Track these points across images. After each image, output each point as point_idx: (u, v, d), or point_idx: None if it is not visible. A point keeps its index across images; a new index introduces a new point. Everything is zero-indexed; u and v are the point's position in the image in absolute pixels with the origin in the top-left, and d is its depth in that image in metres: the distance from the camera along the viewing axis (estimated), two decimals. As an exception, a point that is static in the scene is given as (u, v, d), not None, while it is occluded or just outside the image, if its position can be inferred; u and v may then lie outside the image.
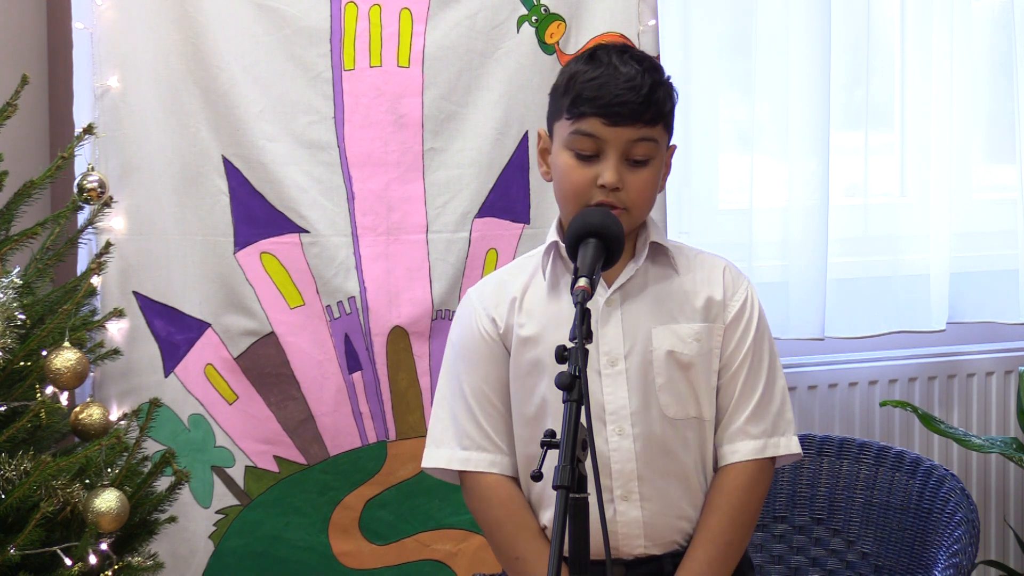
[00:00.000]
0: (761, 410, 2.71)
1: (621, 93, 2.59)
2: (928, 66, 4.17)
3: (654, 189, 2.65)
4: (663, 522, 2.67)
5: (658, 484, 2.66)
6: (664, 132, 2.65)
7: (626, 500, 2.65)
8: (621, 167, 2.60)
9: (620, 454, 2.65)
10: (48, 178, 2.97)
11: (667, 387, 2.66)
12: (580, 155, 2.62)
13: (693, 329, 2.68)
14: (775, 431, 2.72)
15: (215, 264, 3.34)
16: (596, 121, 2.60)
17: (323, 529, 3.41)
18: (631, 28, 3.47)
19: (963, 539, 2.88)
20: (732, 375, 2.70)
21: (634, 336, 2.66)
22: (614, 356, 2.66)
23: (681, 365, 2.66)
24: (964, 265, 4.22)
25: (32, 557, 2.68)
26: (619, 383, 2.66)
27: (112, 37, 3.28)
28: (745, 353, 2.70)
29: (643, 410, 2.65)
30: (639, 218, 2.66)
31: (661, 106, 2.62)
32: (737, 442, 2.70)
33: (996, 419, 4.31)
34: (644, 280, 2.70)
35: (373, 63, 3.37)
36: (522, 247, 3.45)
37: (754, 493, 2.70)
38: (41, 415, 2.75)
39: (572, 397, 2.16)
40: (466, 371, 2.74)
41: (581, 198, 2.62)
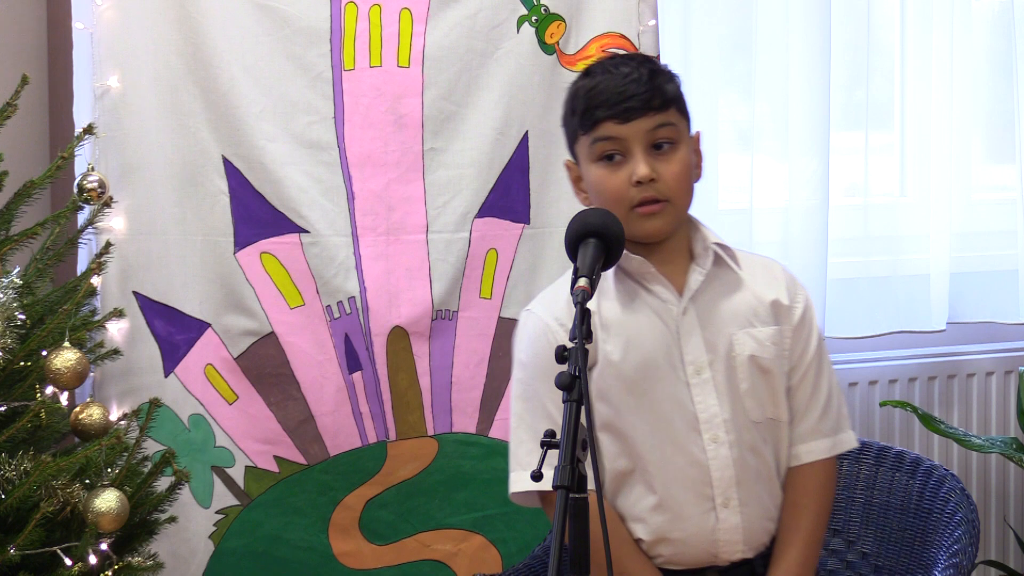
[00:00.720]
0: (829, 409, 2.76)
1: (625, 88, 2.62)
2: (928, 66, 4.17)
3: (688, 174, 2.67)
4: (758, 525, 2.71)
5: (751, 488, 2.69)
6: (679, 116, 2.67)
7: (726, 507, 2.68)
8: (650, 159, 2.63)
9: (718, 462, 2.67)
10: (48, 178, 2.97)
11: (751, 392, 2.69)
12: (607, 160, 2.64)
13: (769, 332, 2.71)
14: (839, 428, 2.78)
15: (215, 264, 3.34)
16: (611, 123, 2.63)
17: (323, 529, 3.41)
18: (631, 28, 3.48)
19: (963, 539, 2.88)
20: (803, 376, 2.74)
21: (716, 343, 2.68)
22: (699, 365, 2.68)
23: (762, 369, 2.70)
24: (964, 265, 4.22)
25: (32, 557, 2.69)
26: (708, 392, 2.68)
27: (112, 37, 3.28)
28: (813, 354, 2.75)
29: (733, 416, 2.68)
30: (682, 207, 2.68)
31: (666, 91, 2.65)
32: (811, 441, 2.75)
33: (996, 419, 4.31)
34: (712, 284, 2.71)
35: (373, 63, 3.37)
36: (522, 247, 3.45)
37: (831, 491, 2.78)
38: (41, 415, 2.75)
39: (572, 397, 2.16)
40: (546, 389, 2.67)
41: (622, 202, 2.63)
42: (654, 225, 2.65)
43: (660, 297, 2.69)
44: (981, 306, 4.26)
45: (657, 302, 2.69)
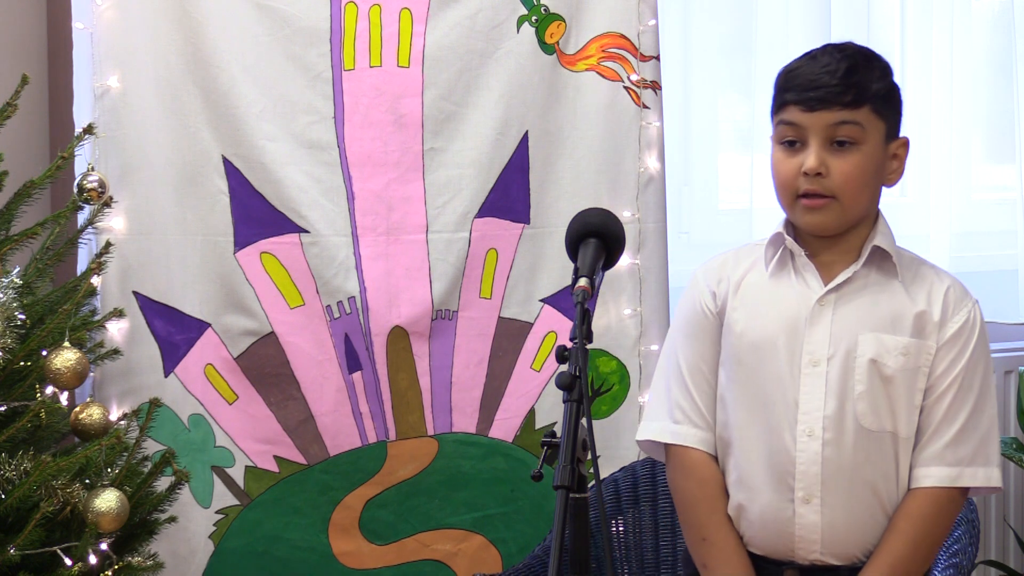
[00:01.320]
0: (962, 438, 2.65)
1: (817, 78, 2.61)
2: (928, 66, 4.17)
3: (864, 176, 2.63)
4: (843, 532, 2.65)
5: (843, 493, 2.64)
6: (874, 117, 2.63)
7: (807, 503, 2.64)
8: (823, 152, 2.61)
9: (806, 456, 2.64)
10: (48, 178, 2.97)
11: (866, 396, 2.64)
12: (785, 145, 2.65)
13: (901, 342, 2.65)
14: (974, 461, 2.66)
15: (215, 264, 3.34)
16: (795, 109, 2.63)
17: (323, 529, 3.41)
18: (631, 28, 3.47)
19: (963, 539, 2.88)
20: (938, 397, 2.66)
21: (840, 340, 2.65)
22: (817, 357, 2.66)
23: (883, 376, 2.64)
24: (964, 265, 4.21)
25: (32, 557, 2.68)
26: (817, 384, 2.65)
27: (112, 37, 3.28)
28: (955, 377, 2.65)
29: (838, 415, 2.64)
30: (852, 207, 2.64)
31: (864, 89, 2.61)
32: (931, 466, 2.65)
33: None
34: (862, 284, 2.68)
35: (373, 63, 3.37)
36: (522, 247, 3.45)
37: (939, 523, 2.66)
38: (41, 415, 2.75)
39: (572, 397, 2.16)
40: (684, 345, 2.77)
41: (788, 188, 2.65)
42: (814, 219, 2.65)
43: (806, 283, 2.69)
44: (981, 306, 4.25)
45: (802, 287, 2.69)
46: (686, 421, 2.75)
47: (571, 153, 3.46)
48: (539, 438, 3.44)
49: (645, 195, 3.50)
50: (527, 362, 3.46)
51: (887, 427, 2.64)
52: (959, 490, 2.66)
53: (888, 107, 2.66)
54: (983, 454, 2.66)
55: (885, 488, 2.66)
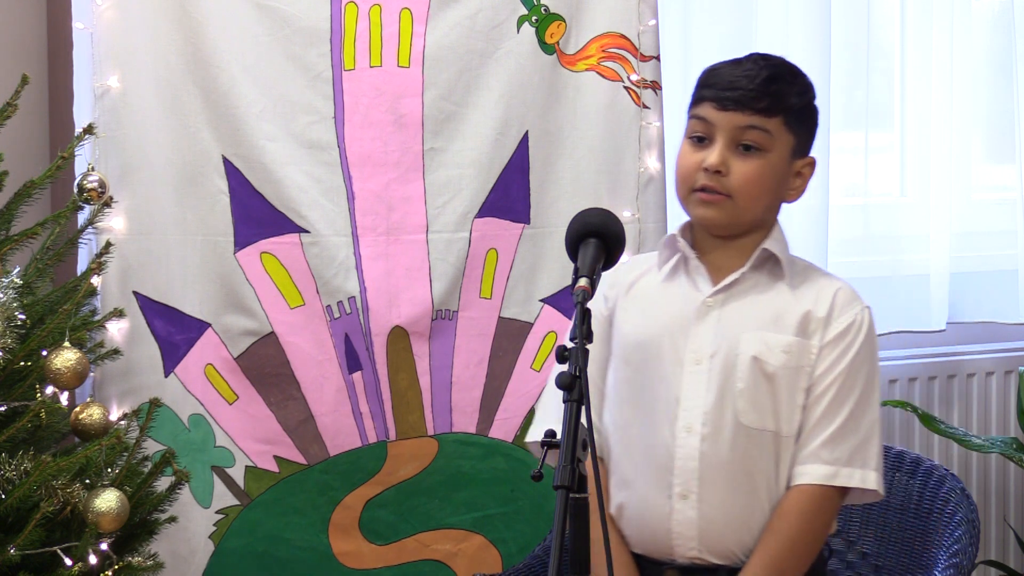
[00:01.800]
0: (840, 437, 2.64)
1: (735, 79, 2.64)
2: (928, 66, 4.17)
3: (763, 182, 2.64)
4: (720, 529, 2.64)
5: (720, 490, 2.64)
6: (784, 129, 2.65)
7: (684, 499, 2.64)
8: (727, 152, 2.63)
9: (684, 451, 2.64)
10: (48, 178, 2.97)
11: (747, 393, 2.64)
12: (693, 139, 2.67)
13: (784, 340, 2.65)
14: (851, 462, 2.64)
15: (215, 264, 3.34)
16: (709, 106, 2.66)
17: (323, 529, 3.41)
18: (631, 28, 3.47)
19: (963, 539, 2.88)
20: (818, 396, 2.65)
21: (724, 338, 2.66)
22: (700, 355, 2.66)
23: (765, 374, 2.64)
24: (964, 265, 4.22)
25: (32, 557, 2.68)
26: (699, 381, 2.66)
27: (112, 37, 3.28)
28: (836, 376, 2.65)
29: (717, 411, 2.64)
30: (745, 209, 2.65)
31: (779, 99, 2.63)
32: (808, 464, 2.64)
33: (996, 419, 4.31)
34: (750, 286, 2.69)
35: (373, 63, 3.37)
36: (522, 247, 3.45)
37: (816, 520, 2.65)
38: (41, 415, 2.75)
39: (572, 397, 2.16)
40: None
41: (687, 180, 2.66)
42: (707, 213, 2.66)
43: (696, 285, 2.70)
44: (981, 306, 4.26)
45: (691, 288, 2.70)
46: None
47: (571, 153, 3.46)
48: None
49: (645, 195, 3.50)
50: (527, 362, 3.47)
51: (768, 425, 2.64)
52: (836, 489, 2.64)
53: (801, 125, 2.68)
54: (861, 456, 2.64)
55: (766, 486, 2.65)
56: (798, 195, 2.73)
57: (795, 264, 2.73)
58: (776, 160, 2.65)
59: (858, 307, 2.70)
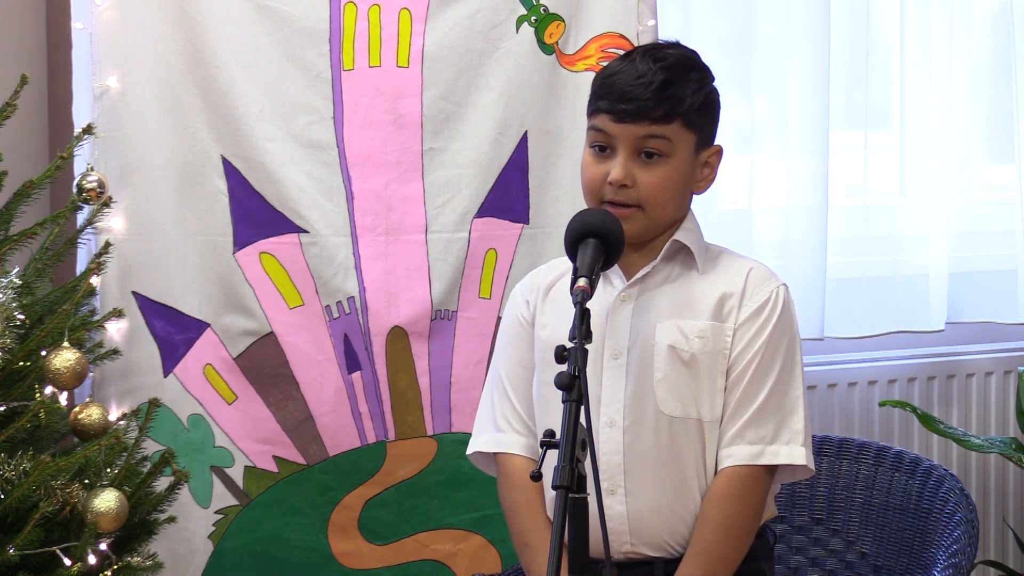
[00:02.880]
0: (763, 416, 2.62)
1: (629, 90, 2.59)
2: (927, 66, 4.17)
3: (671, 187, 2.62)
4: (650, 521, 2.62)
5: (648, 481, 2.62)
6: (684, 130, 2.61)
7: (612, 494, 2.62)
8: (631, 164, 2.60)
9: (608, 446, 2.62)
10: (47, 178, 2.97)
11: (665, 382, 2.61)
12: (596, 149, 2.64)
13: (698, 326, 2.63)
14: (776, 439, 2.62)
15: (214, 264, 3.34)
16: (605, 117, 2.62)
17: (322, 529, 3.41)
18: (631, 28, 3.47)
19: (962, 539, 2.88)
20: (737, 376, 2.63)
21: (640, 331, 2.64)
22: (618, 349, 2.64)
23: (683, 362, 2.61)
24: (963, 265, 4.22)
25: (31, 557, 2.69)
26: (618, 376, 2.63)
27: (111, 37, 3.28)
28: (754, 355, 2.63)
29: (637, 403, 2.62)
30: (659, 217, 2.63)
31: (676, 103, 2.59)
32: (732, 446, 2.62)
33: (995, 419, 4.31)
34: (663, 278, 2.68)
35: (372, 63, 3.37)
36: (521, 247, 3.45)
37: (747, 502, 2.62)
38: (40, 415, 2.75)
39: (572, 397, 2.17)
40: (504, 355, 2.77)
41: (595, 193, 2.64)
42: None
43: (611, 283, 2.68)
44: (980, 306, 4.26)
45: (606, 287, 2.68)
46: (509, 429, 2.75)
47: (570, 153, 3.45)
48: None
49: (644, 195, 3.49)
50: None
51: (691, 413, 2.62)
52: (764, 469, 2.62)
53: (702, 118, 2.64)
54: (786, 432, 2.62)
55: (695, 474, 2.62)
56: (708, 184, 2.70)
57: (709, 251, 2.71)
58: (679, 162, 2.62)
59: (772, 284, 2.68)
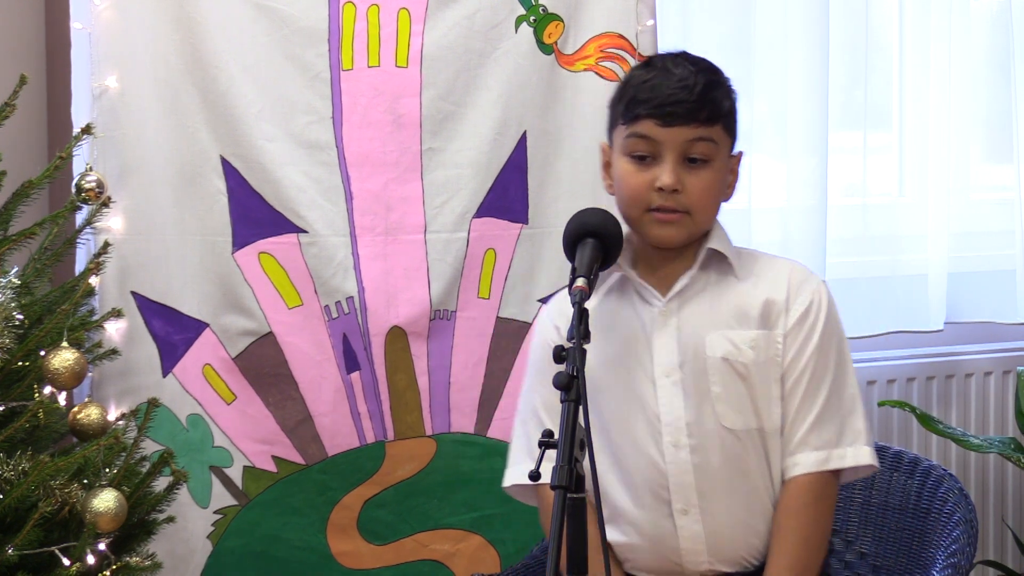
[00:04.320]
0: (824, 420, 2.61)
1: (674, 92, 2.57)
2: (927, 66, 4.17)
3: (716, 191, 2.62)
4: (728, 537, 2.61)
5: (721, 498, 2.60)
6: (724, 134, 2.61)
7: (686, 514, 2.60)
8: (679, 169, 2.58)
9: (677, 467, 2.60)
10: (46, 178, 2.97)
11: (724, 396, 2.60)
12: (637, 158, 2.60)
13: (749, 336, 2.61)
14: (840, 441, 2.62)
15: (213, 264, 3.34)
16: (650, 122, 2.58)
17: (321, 529, 3.41)
18: (630, 28, 3.47)
19: (961, 539, 2.88)
20: (794, 383, 2.62)
21: (688, 345, 2.61)
22: (668, 367, 2.61)
23: (738, 373, 2.60)
24: (962, 265, 4.22)
25: (30, 557, 2.68)
26: (674, 394, 2.61)
27: (110, 37, 3.28)
28: (808, 359, 2.62)
29: (699, 421, 2.59)
30: (703, 223, 2.63)
31: (718, 106, 2.59)
32: (798, 454, 2.61)
33: (994, 419, 4.31)
34: (702, 287, 2.65)
35: (371, 63, 3.37)
36: (520, 247, 3.45)
37: (820, 509, 2.61)
38: (39, 415, 2.75)
39: (570, 397, 2.17)
40: (538, 384, 2.73)
41: (640, 203, 2.60)
42: (667, 233, 2.61)
43: (644, 297, 2.66)
44: (979, 306, 4.26)
45: (641, 303, 2.66)
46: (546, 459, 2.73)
47: (569, 153, 3.46)
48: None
49: (643, 195, 3.49)
50: (525, 362, 3.46)
51: (751, 424, 2.61)
52: (831, 473, 2.62)
53: (734, 124, 2.65)
54: (849, 433, 2.63)
55: (764, 485, 2.62)
56: (733, 191, 2.70)
57: (741, 255, 2.70)
58: (720, 166, 2.62)
59: (813, 284, 2.67)
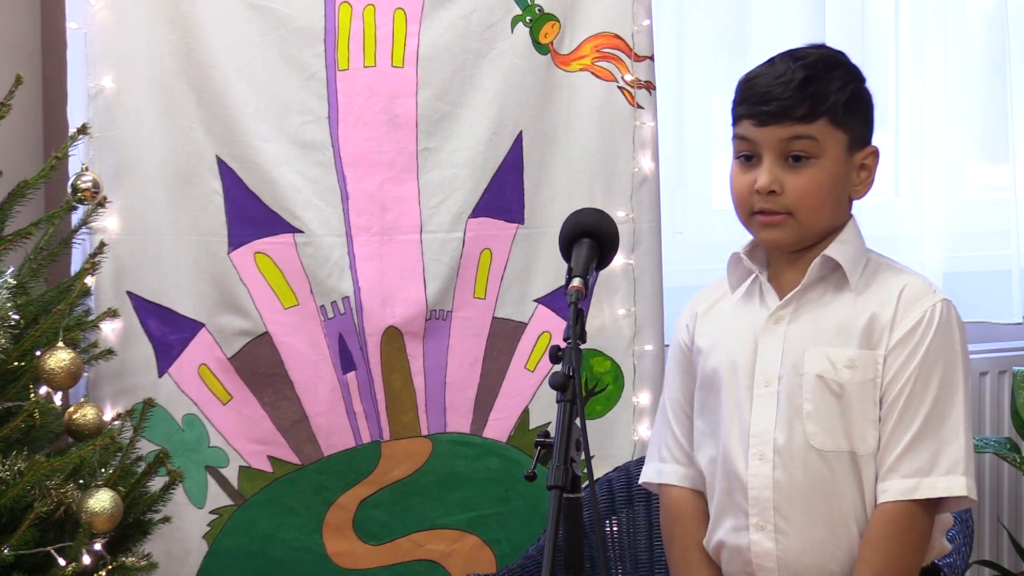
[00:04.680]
0: (918, 446, 2.48)
1: (769, 91, 2.51)
2: (922, 66, 4.17)
3: (822, 191, 2.51)
4: (802, 561, 2.53)
5: (799, 519, 2.52)
6: (832, 129, 2.50)
7: (761, 530, 2.54)
8: (777, 169, 2.51)
9: (758, 480, 2.54)
10: (42, 178, 2.96)
11: (815, 415, 2.51)
12: (742, 159, 2.55)
13: (847, 354, 2.51)
14: (933, 470, 2.47)
15: (209, 264, 3.34)
16: (748, 123, 2.54)
17: (317, 529, 3.41)
18: (625, 28, 3.47)
19: (957, 539, 2.87)
20: (890, 405, 2.50)
21: (790, 357, 2.54)
22: (768, 376, 2.56)
23: (832, 392, 2.51)
24: (958, 265, 4.22)
25: (26, 557, 2.68)
26: (768, 405, 2.55)
27: (106, 37, 3.28)
28: (906, 381, 2.49)
29: (788, 436, 2.52)
30: (810, 223, 2.53)
31: (820, 100, 2.49)
32: (887, 481, 2.49)
33: (990, 419, 4.31)
34: (816, 297, 2.57)
35: (367, 63, 3.37)
36: (516, 247, 3.45)
37: (904, 541, 2.48)
38: (35, 415, 2.75)
39: (566, 397, 2.16)
40: (668, 382, 2.74)
41: (744, 205, 2.56)
42: (771, 235, 2.55)
43: (765, 303, 2.60)
44: (975, 306, 4.25)
45: (760, 307, 2.61)
46: (670, 459, 2.72)
47: (565, 153, 3.46)
48: (533, 438, 3.43)
49: (639, 195, 3.49)
50: (521, 362, 3.46)
51: (842, 446, 2.51)
52: (921, 504, 2.48)
53: (851, 116, 2.52)
54: (944, 462, 2.47)
55: (852, 510, 2.52)
56: (866, 188, 2.57)
57: (868, 266, 2.58)
58: (830, 164, 2.51)
59: (928, 301, 2.54)
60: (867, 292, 2.55)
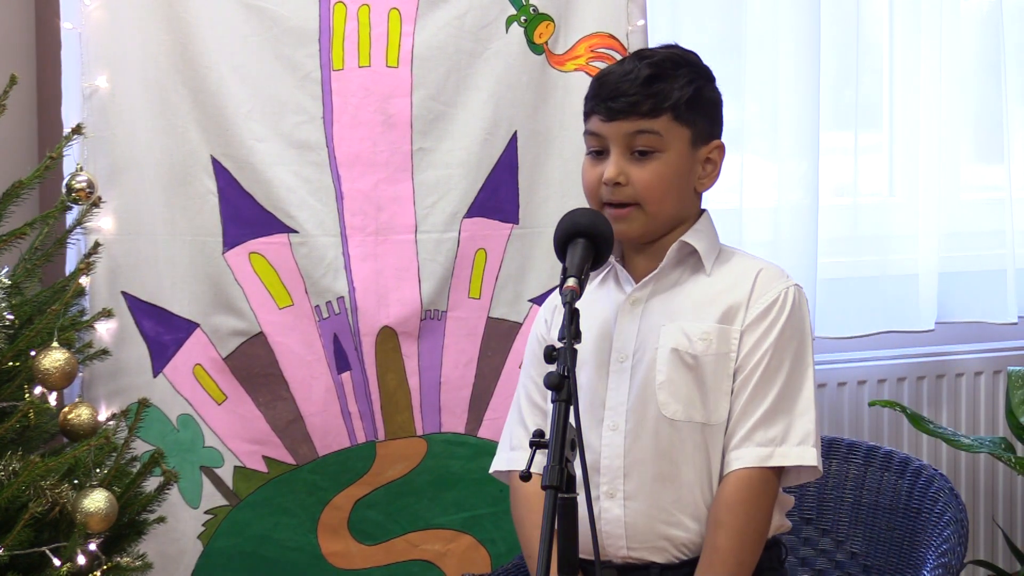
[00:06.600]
0: (772, 418, 2.59)
1: (616, 87, 2.60)
2: (917, 66, 4.17)
3: (665, 183, 2.60)
4: (647, 525, 2.61)
5: (647, 485, 2.60)
6: (676, 125, 2.60)
7: (611, 497, 2.62)
8: (623, 162, 2.60)
9: (610, 449, 2.62)
10: (36, 178, 2.96)
11: (667, 386, 2.60)
12: (593, 154, 2.65)
13: (702, 328, 2.61)
14: (786, 440, 2.59)
15: (204, 264, 3.34)
16: (596, 119, 2.63)
17: (312, 529, 3.41)
18: (620, 28, 3.48)
19: (952, 539, 2.88)
20: (744, 378, 2.60)
21: (646, 335, 2.63)
22: (624, 353, 2.64)
23: (686, 365, 2.60)
24: (953, 265, 4.23)
25: (20, 557, 2.68)
26: (622, 380, 2.63)
27: (100, 37, 3.28)
28: (761, 356, 2.60)
29: (640, 407, 2.60)
30: (658, 214, 2.62)
31: (662, 97, 2.58)
32: (742, 448, 2.59)
33: (985, 419, 4.31)
34: (672, 281, 2.67)
35: (362, 63, 3.37)
36: (511, 247, 3.45)
37: (758, 506, 2.59)
38: (30, 415, 2.75)
39: (561, 397, 2.17)
40: (524, 375, 2.79)
41: (594, 198, 2.64)
42: (621, 227, 2.61)
43: (621, 288, 2.69)
44: (970, 306, 4.26)
45: (616, 291, 2.69)
46: (520, 447, 2.76)
47: (560, 153, 3.46)
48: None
49: (634, 195, 3.49)
50: (516, 362, 3.46)
51: (694, 416, 2.60)
52: (773, 471, 2.60)
53: (695, 113, 2.62)
54: (796, 433, 2.59)
55: (697, 478, 2.60)
56: (712, 181, 2.68)
57: (722, 253, 2.69)
58: (674, 157, 2.61)
59: (782, 285, 2.65)
60: (722, 274, 2.67)
